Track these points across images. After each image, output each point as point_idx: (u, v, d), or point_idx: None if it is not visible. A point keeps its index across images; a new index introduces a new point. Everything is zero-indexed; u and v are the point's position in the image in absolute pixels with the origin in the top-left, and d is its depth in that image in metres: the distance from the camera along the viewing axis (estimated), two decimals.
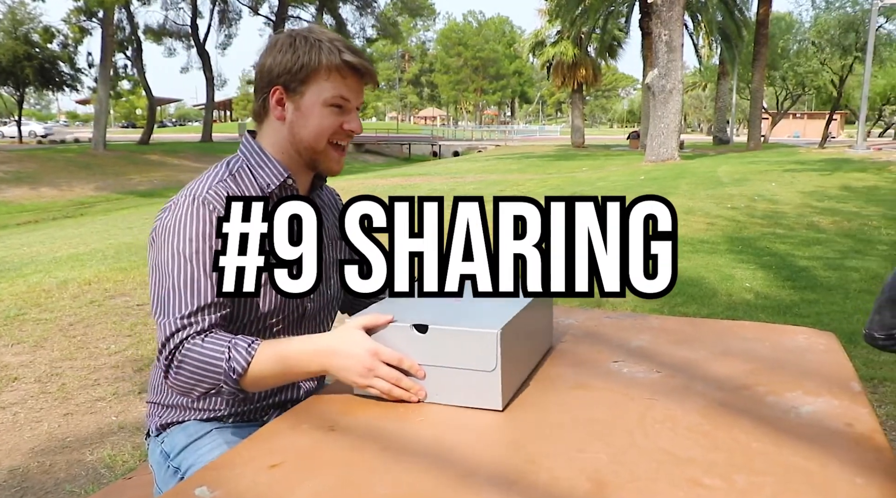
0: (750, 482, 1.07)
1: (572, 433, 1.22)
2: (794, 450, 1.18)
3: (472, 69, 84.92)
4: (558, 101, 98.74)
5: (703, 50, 38.67)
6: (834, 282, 5.45)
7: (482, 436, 1.21)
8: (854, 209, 9.33)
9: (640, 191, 11.84)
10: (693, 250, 6.71)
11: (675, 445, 1.19)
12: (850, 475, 1.11)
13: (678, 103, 17.81)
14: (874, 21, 22.06)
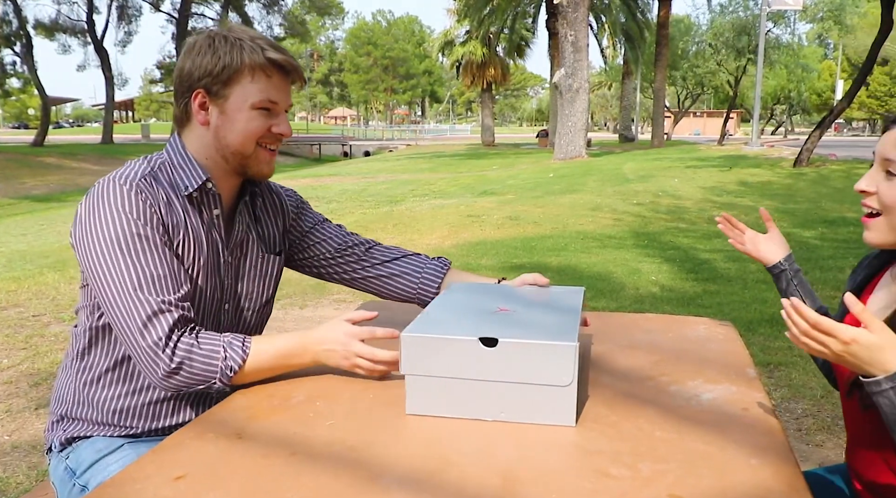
0: (654, 470, 1.10)
1: (482, 430, 1.23)
2: (695, 436, 1.22)
3: (381, 69, 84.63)
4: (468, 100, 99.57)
5: (607, 50, 39.73)
6: (733, 273, 5.68)
7: (392, 437, 1.20)
8: (750, 203, 9.75)
9: (549, 188, 12.06)
10: (601, 246, 6.87)
11: (582, 437, 1.21)
12: (746, 457, 1.15)
13: (585, 102, 18.21)
14: (763, 25, 23.15)
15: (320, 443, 1.17)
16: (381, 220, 8.90)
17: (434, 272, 1.79)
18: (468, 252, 6.72)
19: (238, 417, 1.28)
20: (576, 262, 6.17)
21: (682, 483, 1.06)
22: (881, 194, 1.21)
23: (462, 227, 8.18)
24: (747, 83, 36.00)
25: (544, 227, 8.07)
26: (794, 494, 1.05)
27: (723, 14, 33.71)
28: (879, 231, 1.23)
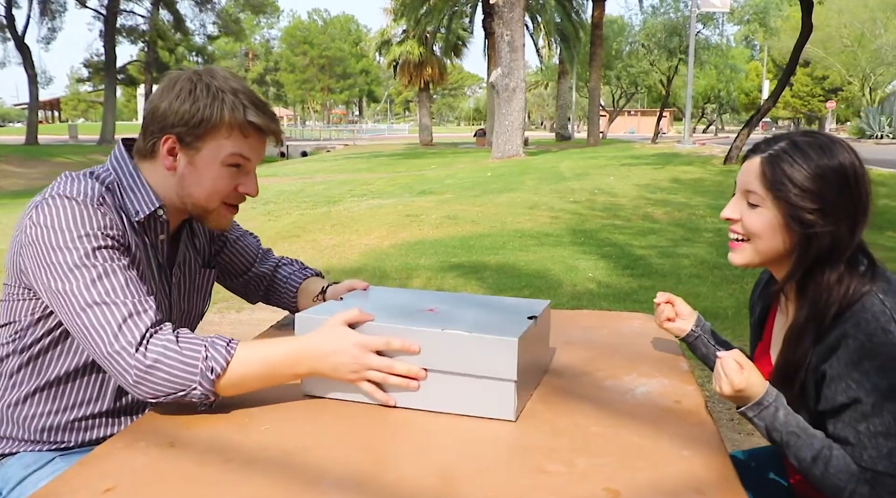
0: (590, 464, 1.11)
1: (419, 431, 1.23)
2: (630, 430, 1.24)
3: (318, 68, 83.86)
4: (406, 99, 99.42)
5: (543, 50, 40.24)
6: (668, 268, 5.81)
7: (330, 439, 1.19)
8: (683, 200, 9.99)
9: (487, 187, 12.14)
10: (539, 244, 6.94)
11: (519, 433, 1.22)
12: (678, 448, 1.18)
13: (521, 101, 18.38)
14: (693, 26, 23.75)
15: (256, 448, 1.15)
16: (318, 221, 8.82)
17: (298, 277, 1.82)
18: (407, 252, 6.72)
19: (171, 424, 1.25)
20: (514, 260, 6.23)
21: (617, 476, 1.08)
22: (745, 223, 1.28)
23: (400, 226, 8.17)
24: (679, 83, 36.91)
25: (482, 225, 8.12)
26: (724, 482, 1.08)
27: (654, 15, 34.47)
28: (744, 254, 1.31)
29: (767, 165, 1.25)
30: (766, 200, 1.25)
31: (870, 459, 1.16)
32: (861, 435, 1.17)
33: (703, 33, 34.29)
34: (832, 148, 1.23)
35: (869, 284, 1.18)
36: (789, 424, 1.22)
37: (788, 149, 1.24)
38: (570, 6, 33.43)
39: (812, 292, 1.23)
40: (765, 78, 46.58)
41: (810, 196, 1.20)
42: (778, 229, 1.24)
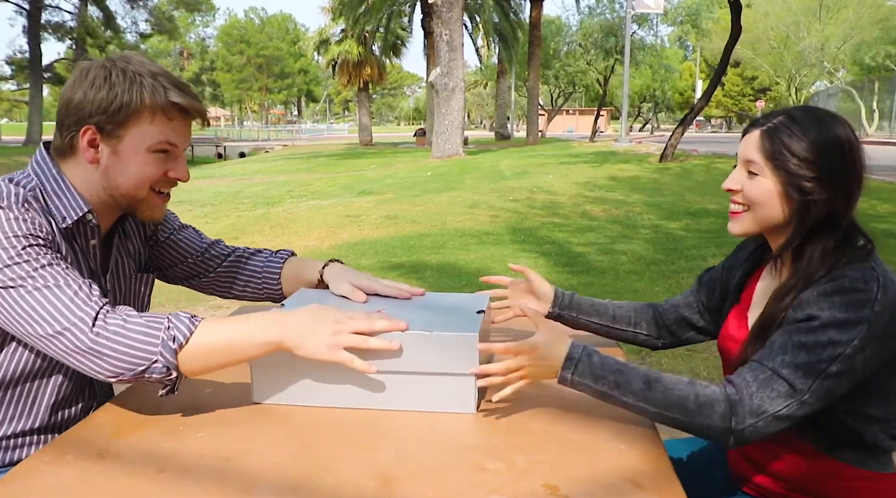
0: (529, 461, 1.12)
1: (360, 432, 1.22)
2: (568, 426, 1.26)
3: (255, 67, 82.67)
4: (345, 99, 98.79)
5: (482, 50, 40.40)
6: (606, 265, 5.91)
7: (269, 444, 1.17)
8: (620, 197, 10.16)
9: (428, 186, 12.14)
10: (479, 242, 6.98)
11: (460, 433, 1.22)
12: (615, 442, 1.20)
13: (461, 101, 18.44)
14: (629, 27, 24.20)
15: (191, 456, 1.12)
16: (257, 223, 8.69)
17: (275, 263, 1.73)
18: (347, 252, 6.67)
19: (101, 434, 1.21)
20: (454, 259, 6.25)
21: (556, 472, 1.09)
22: (746, 192, 1.31)
23: (340, 227, 8.11)
24: (615, 82, 37.53)
25: (423, 225, 8.12)
26: (659, 472, 1.10)
27: (591, 16, 35.00)
28: (743, 223, 1.34)
29: (766, 137, 1.29)
30: (765, 170, 1.29)
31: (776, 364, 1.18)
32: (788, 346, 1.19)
33: (639, 34, 34.99)
34: (829, 121, 1.28)
35: (863, 259, 1.23)
36: (608, 364, 1.23)
37: (786, 122, 1.28)
38: (507, 6, 33.68)
39: (807, 258, 1.27)
40: (698, 78, 47.77)
41: (808, 165, 1.24)
42: (777, 197, 1.28)
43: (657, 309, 1.65)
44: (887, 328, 1.17)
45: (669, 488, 1.06)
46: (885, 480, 1.30)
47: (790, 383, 1.16)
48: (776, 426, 1.17)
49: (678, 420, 1.20)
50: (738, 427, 1.16)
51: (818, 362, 1.16)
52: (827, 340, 1.16)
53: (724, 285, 1.54)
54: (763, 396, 1.16)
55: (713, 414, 1.17)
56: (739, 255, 1.53)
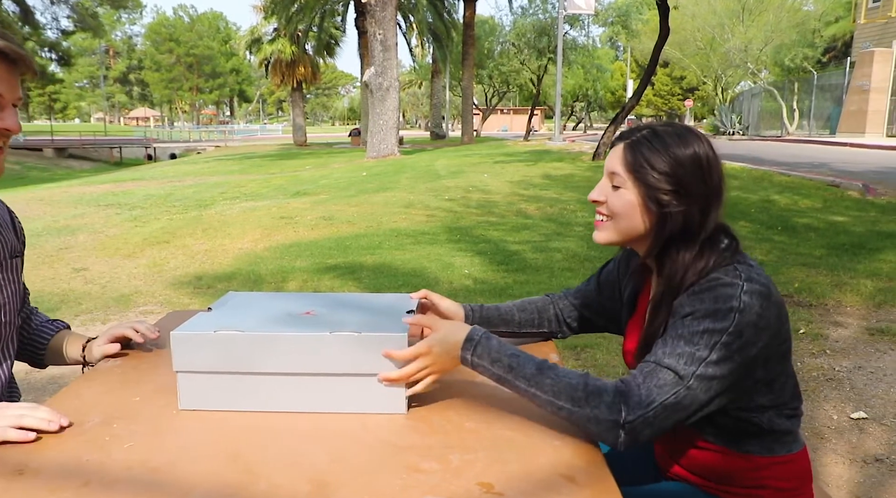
0: (464, 460, 1.12)
1: (292, 438, 1.20)
2: (503, 423, 1.27)
3: (185, 67, 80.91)
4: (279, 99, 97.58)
5: (416, 49, 40.41)
6: (541, 263, 5.97)
7: (199, 452, 1.14)
8: (554, 195, 10.29)
9: (363, 187, 12.08)
10: (415, 242, 6.98)
11: (394, 434, 1.22)
12: (549, 439, 1.21)
13: (395, 100, 18.40)
14: (561, 27, 24.48)
15: (118, 468, 1.09)
16: (189, 226, 8.51)
17: (46, 332, 1.68)
18: (282, 254, 6.59)
19: (19, 449, 1.16)
20: (390, 259, 6.23)
21: (491, 470, 1.09)
22: (609, 203, 1.37)
23: (275, 229, 8.00)
24: (549, 81, 37.92)
25: (358, 225, 8.08)
26: (593, 467, 1.12)
27: (524, 16, 35.29)
28: (607, 232, 1.39)
29: (629, 150, 1.34)
30: (627, 182, 1.33)
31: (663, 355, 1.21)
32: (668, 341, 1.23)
33: (571, 34, 35.47)
34: (688, 137, 1.32)
35: (727, 260, 1.28)
36: (505, 348, 1.27)
37: (649, 136, 1.33)
38: (441, 6, 33.75)
39: (668, 269, 1.31)
40: (629, 77, 48.71)
41: (666, 178, 1.29)
42: (637, 209, 1.33)
43: (557, 305, 1.70)
44: (759, 318, 1.22)
45: (602, 482, 1.08)
46: (793, 461, 1.36)
47: (674, 371, 1.19)
48: (666, 418, 1.18)
49: (566, 409, 1.20)
50: (629, 418, 1.17)
51: (697, 350, 1.20)
52: (703, 329, 1.21)
53: (619, 292, 1.60)
54: (650, 385, 1.18)
55: (601, 404, 1.18)
56: (630, 261, 1.57)
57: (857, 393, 3.39)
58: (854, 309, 4.67)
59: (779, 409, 1.33)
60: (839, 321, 4.43)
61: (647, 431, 1.18)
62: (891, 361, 3.78)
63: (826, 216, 8.19)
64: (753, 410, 1.31)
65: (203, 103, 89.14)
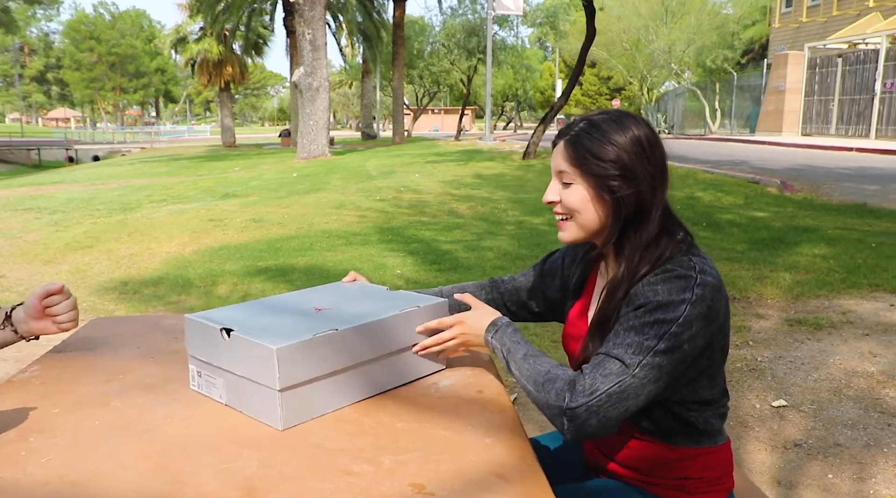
0: (396, 461, 1.12)
1: (220, 445, 1.18)
2: (434, 423, 1.27)
3: (108, 66, 78.41)
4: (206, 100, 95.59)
5: (346, 49, 40.15)
6: (473, 262, 6.00)
7: (123, 463, 1.11)
8: (486, 195, 10.36)
9: (294, 188, 11.94)
10: (347, 243, 6.93)
11: (324, 438, 1.20)
12: (481, 437, 1.22)
13: (326, 101, 18.24)
14: (490, 28, 24.68)
15: (34, 484, 1.05)
16: (113, 230, 8.26)
17: None
18: (210, 258, 6.45)
19: None
20: (322, 260, 6.17)
21: (423, 470, 1.09)
22: (564, 202, 1.38)
23: (203, 232, 7.83)
24: (479, 81, 38.18)
25: (289, 227, 7.98)
26: (524, 464, 1.13)
27: (453, 16, 35.40)
28: (570, 231, 1.41)
29: (571, 146, 1.36)
30: (576, 177, 1.35)
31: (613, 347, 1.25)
32: (620, 332, 1.26)
33: (500, 34, 35.72)
34: (625, 121, 1.35)
35: (683, 252, 1.32)
36: (516, 337, 1.38)
37: (587, 128, 1.35)
38: (371, 6, 33.62)
39: (627, 250, 1.34)
40: (557, 77, 49.39)
41: (612, 165, 1.31)
42: (591, 201, 1.35)
43: (499, 289, 1.72)
44: (709, 311, 1.26)
45: (533, 478, 1.09)
46: (718, 452, 1.40)
47: (620, 360, 1.22)
48: (612, 407, 1.20)
49: (532, 394, 1.28)
50: (572, 405, 1.20)
51: (646, 340, 1.22)
52: (653, 320, 1.23)
53: (563, 280, 1.62)
54: (596, 375, 1.21)
55: (552, 390, 1.23)
56: (577, 250, 1.60)
57: (778, 382, 3.51)
58: (774, 301, 4.84)
59: (716, 406, 1.38)
60: (761, 313, 4.58)
61: (592, 420, 1.20)
62: (808, 350, 3.93)
63: (747, 212, 8.46)
64: (693, 406, 1.34)
65: (127, 104, 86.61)
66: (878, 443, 2.89)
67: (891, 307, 4.65)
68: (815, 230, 7.19)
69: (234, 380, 1.28)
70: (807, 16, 30.30)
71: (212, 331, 1.30)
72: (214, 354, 1.31)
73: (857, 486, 2.58)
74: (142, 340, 1.68)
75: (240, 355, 1.25)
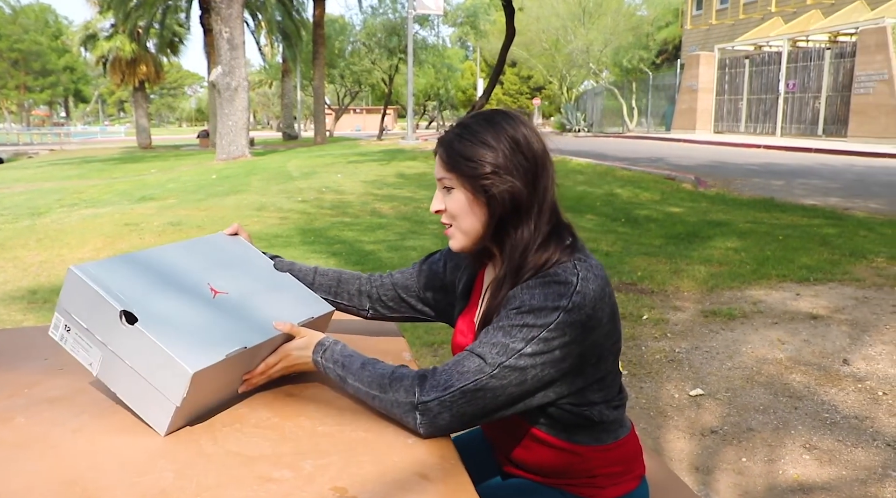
0: (317, 466, 1.11)
1: (134, 457, 1.14)
2: (356, 425, 1.26)
3: (10, 63, 74.92)
4: (120, 99, 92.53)
5: (266, 48, 39.47)
6: (396, 262, 5.99)
7: (24, 482, 1.06)
8: (409, 194, 10.36)
9: (213, 190, 11.68)
10: (268, 245, 6.81)
11: (243, 445, 1.18)
12: (403, 438, 1.21)
13: (245, 101, 17.90)
14: (411, 27, 24.70)
15: None
16: (21, 236, 7.90)
17: None
18: None
19: None
20: None
21: (344, 474, 1.08)
22: (448, 209, 1.37)
23: (119, 236, 7.58)
24: (400, 81, 38.10)
25: (209, 230, 7.80)
26: (446, 463, 1.13)
27: (374, 16, 35.28)
28: (457, 239, 1.39)
29: (444, 150, 1.35)
30: (454, 182, 1.34)
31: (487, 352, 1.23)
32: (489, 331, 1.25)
33: (421, 34, 35.78)
34: (496, 118, 1.34)
35: (569, 257, 1.30)
36: (347, 351, 1.35)
37: (458, 130, 1.35)
38: (290, 5, 33.17)
39: (508, 248, 1.33)
40: (479, 76, 49.76)
41: (482, 164, 1.30)
42: (471, 204, 1.34)
43: (374, 283, 1.67)
44: (588, 319, 1.24)
45: (455, 477, 1.09)
46: (620, 446, 1.41)
47: (482, 358, 1.21)
48: (467, 403, 1.20)
49: (377, 397, 1.25)
50: (423, 398, 1.19)
51: (512, 342, 1.21)
52: (523, 324, 1.22)
53: (446, 285, 1.60)
54: (452, 371, 1.21)
55: (401, 387, 1.22)
56: (460, 256, 1.57)
57: (695, 372, 3.63)
58: (690, 294, 5.00)
59: (609, 401, 1.38)
60: (678, 306, 4.72)
61: (445, 415, 1.19)
62: (722, 340, 4.07)
63: (664, 208, 8.72)
64: (585, 405, 1.33)
65: (33, 103, 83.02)
66: (786, 425, 3.01)
67: (797, 296, 4.87)
68: (728, 224, 7.46)
69: (118, 364, 1.22)
70: (716, 18, 31.42)
71: (106, 306, 1.21)
72: (101, 326, 1.23)
73: (767, 467, 2.69)
74: (50, 351, 1.61)
75: (137, 350, 1.19)
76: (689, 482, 2.59)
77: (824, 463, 2.71)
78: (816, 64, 21.92)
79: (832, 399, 3.26)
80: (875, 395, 3.30)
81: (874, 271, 5.48)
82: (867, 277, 5.30)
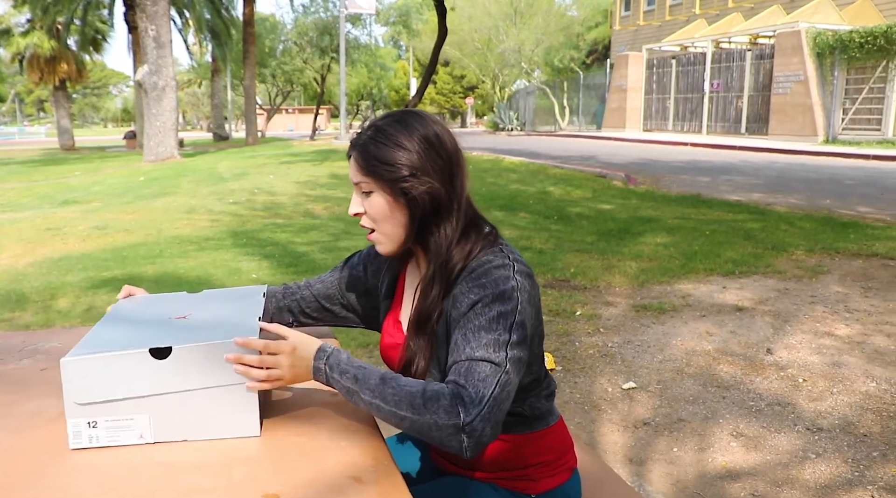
0: (248, 473, 1.09)
1: (51, 471, 1.09)
2: (289, 430, 1.24)
3: None
4: (39, 99, 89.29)
5: (194, 47, 38.69)
6: (330, 263, 5.94)
7: None
8: (342, 194, 10.28)
9: (141, 192, 11.38)
10: (199, 248, 6.68)
11: (171, 455, 1.15)
12: (336, 440, 1.20)
13: (173, 100, 17.49)
14: (343, 26, 24.53)
15: None
16: None
17: None
18: (49, 269, 6.03)
19: None
20: (173, 267, 5.91)
21: (276, 480, 1.07)
22: (368, 213, 1.36)
23: (40, 242, 7.31)
24: (333, 80, 37.79)
25: (137, 234, 7.60)
26: (380, 464, 1.13)
27: (305, 14, 34.90)
28: (382, 243, 1.38)
29: (359, 154, 1.34)
30: (372, 185, 1.33)
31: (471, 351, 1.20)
32: (469, 336, 1.23)
33: (353, 33, 35.55)
34: (409, 120, 1.34)
35: (492, 244, 1.32)
36: (354, 361, 1.25)
37: (372, 133, 1.34)
38: (219, 2, 32.54)
39: (433, 246, 1.33)
40: (412, 76, 49.77)
41: (400, 168, 1.30)
42: (391, 208, 1.33)
43: (294, 296, 1.64)
44: (530, 296, 1.27)
45: (389, 479, 1.09)
46: (551, 434, 1.44)
47: (489, 361, 1.18)
48: (499, 410, 1.16)
49: (408, 419, 1.16)
50: (467, 419, 1.12)
51: (499, 335, 1.21)
52: (496, 314, 1.22)
53: (369, 288, 1.59)
54: (474, 382, 1.16)
55: (439, 409, 1.14)
56: (380, 258, 1.57)
57: (627, 365, 3.70)
58: (622, 289, 5.10)
59: (538, 389, 1.40)
60: (610, 301, 4.81)
61: (487, 430, 1.14)
62: (653, 333, 4.16)
63: (596, 205, 8.87)
64: (520, 395, 1.33)
65: None
66: (714, 415, 3.10)
67: (723, 289, 5.01)
68: (657, 220, 7.64)
69: (181, 403, 1.16)
70: (643, 19, 32.12)
71: (130, 359, 1.14)
72: (139, 382, 1.15)
73: (698, 456, 2.77)
74: None
75: (190, 369, 1.15)
76: (622, 474, 2.64)
77: (750, 449, 2.80)
78: (738, 65, 22.61)
79: (757, 387, 3.37)
80: (796, 382, 3.43)
81: (794, 263, 5.69)
82: (788, 270, 5.50)
